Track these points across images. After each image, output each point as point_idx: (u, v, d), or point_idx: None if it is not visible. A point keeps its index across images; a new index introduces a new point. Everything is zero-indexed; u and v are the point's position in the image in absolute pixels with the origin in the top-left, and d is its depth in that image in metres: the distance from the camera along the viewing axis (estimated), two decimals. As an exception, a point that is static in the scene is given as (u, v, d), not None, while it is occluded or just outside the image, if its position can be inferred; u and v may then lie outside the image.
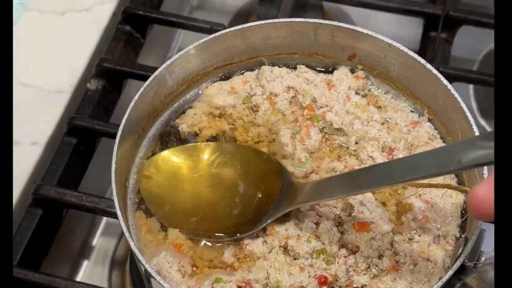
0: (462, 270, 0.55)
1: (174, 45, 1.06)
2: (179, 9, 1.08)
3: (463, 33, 0.97)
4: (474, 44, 1.03)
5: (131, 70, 0.88)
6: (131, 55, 0.94)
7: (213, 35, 0.68)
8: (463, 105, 0.63)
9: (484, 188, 0.45)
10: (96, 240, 0.88)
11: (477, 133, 0.61)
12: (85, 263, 0.87)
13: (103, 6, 0.96)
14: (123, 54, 0.93)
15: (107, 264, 0.86)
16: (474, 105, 0.98)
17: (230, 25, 0.71)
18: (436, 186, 0.62)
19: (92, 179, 0.86)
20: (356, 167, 0.67)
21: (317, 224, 0.64)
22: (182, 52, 0.67)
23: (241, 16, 1.06)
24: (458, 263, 0.55)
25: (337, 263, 0.61)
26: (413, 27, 0.99)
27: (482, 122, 0.96)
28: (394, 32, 1.06)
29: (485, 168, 0.59)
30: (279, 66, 0.74)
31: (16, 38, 0.88)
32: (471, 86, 0.99)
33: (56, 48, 0.91)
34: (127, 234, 0.56)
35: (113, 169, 0.59)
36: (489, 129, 0.95)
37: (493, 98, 0.97)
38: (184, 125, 0.70)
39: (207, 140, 0.70)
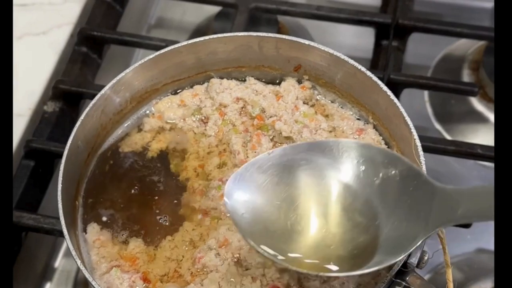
0: (404, 271, 0.56)
1: (133, 63, 1.06)
2: (137, 28, 1.09)
3: (416, 40, 0.99)
4: (428, 50, 1.05)
5: (87, 91, 0.89)
6: (89, 76, 0.95)
7: (157, 53, 0.69)
8: (402, 110, 0.64)
9: None
10: (59, 262, 0.88)
11: (416, 137, 0.63)
12: (48, 286, 0.86)
13: (60, 29, 0.97)
14: (80, 75, 0.93)
15: (70, 285, 0.86)
16: (429, 110, 1.00)
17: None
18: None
19: (52, 201, 0.86)
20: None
21: (267, 233, 0.64)
22: (127, 70, 0.68)
23: (199, 33, 1.07)
24: (399, 264, 0.56)
25: (289, 271, 0.62)
26: (368, 36, 1.01)
27: (438, 127, 0.98)
28: (350, 42, 1.08)
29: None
30: (228, 79, 0.75)
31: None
32: (426, 92, 1.00)
33: (14, 72, 0.92)
34: (73, 253, 0.57)
35: (59, 188, 0.60)
36: (444, 133, 0.97)
37: (447, 103, 0.99)
38: (124, 146, 0.71)
39: (158, 153, 0.71)
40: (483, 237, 0.88)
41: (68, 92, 0.89)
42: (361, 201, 0.55)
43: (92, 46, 0.95)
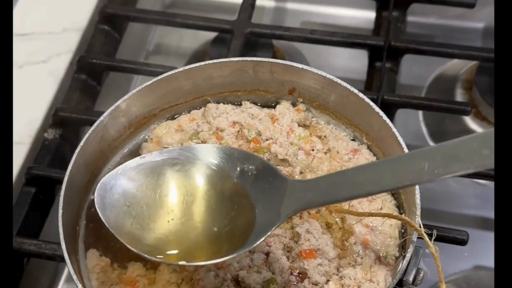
0: (400, 288, 0.57)
1: (132, 89, 1.08)
2: (136, 55, 1.11)
3: (409, 61, 1.01)
4: (421, 71, 1.06)
5: (87, 117, 0.90)
6: (88, 103, 0.96)
7: (154, 79, 0.71)
8: (395, 130, 0.65)
9: None
10: (61, 287, 0.89)
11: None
12: (50, 311, 0.87)
13: (60, 57, 0.99)
14: (80, 102, 0.95)
15: (72, 310, 0.86)
16: (424, 129, 1.01)
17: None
18: (377, 215, 0.65)
19: (53, 226, 0.87)
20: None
21: (267, 254, 0.65)
22: (125, 97, 0.70)
23: (196, 58, 1.09)
24: (394, 281, 0.57)
25: None
26: (362, 58, 1.03)
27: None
28: (345, 64, 1.09)
29: (418, 195, 0.62)
30: (225, 104, 0.76)
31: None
32: (420, 112, 1.02)
33: (15, 100, 0.93)
34: (74, 278, 0.58)
35: (60, 214, 0.61)
36: (439, 151, 0.98)
37: (441, 122, 1.01)
38: None
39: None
40: (481, 254, 0.88)
41: (68, 119, 0.91)
42: (230, 190, 0.61)
43: (91, 74, 0.97)
